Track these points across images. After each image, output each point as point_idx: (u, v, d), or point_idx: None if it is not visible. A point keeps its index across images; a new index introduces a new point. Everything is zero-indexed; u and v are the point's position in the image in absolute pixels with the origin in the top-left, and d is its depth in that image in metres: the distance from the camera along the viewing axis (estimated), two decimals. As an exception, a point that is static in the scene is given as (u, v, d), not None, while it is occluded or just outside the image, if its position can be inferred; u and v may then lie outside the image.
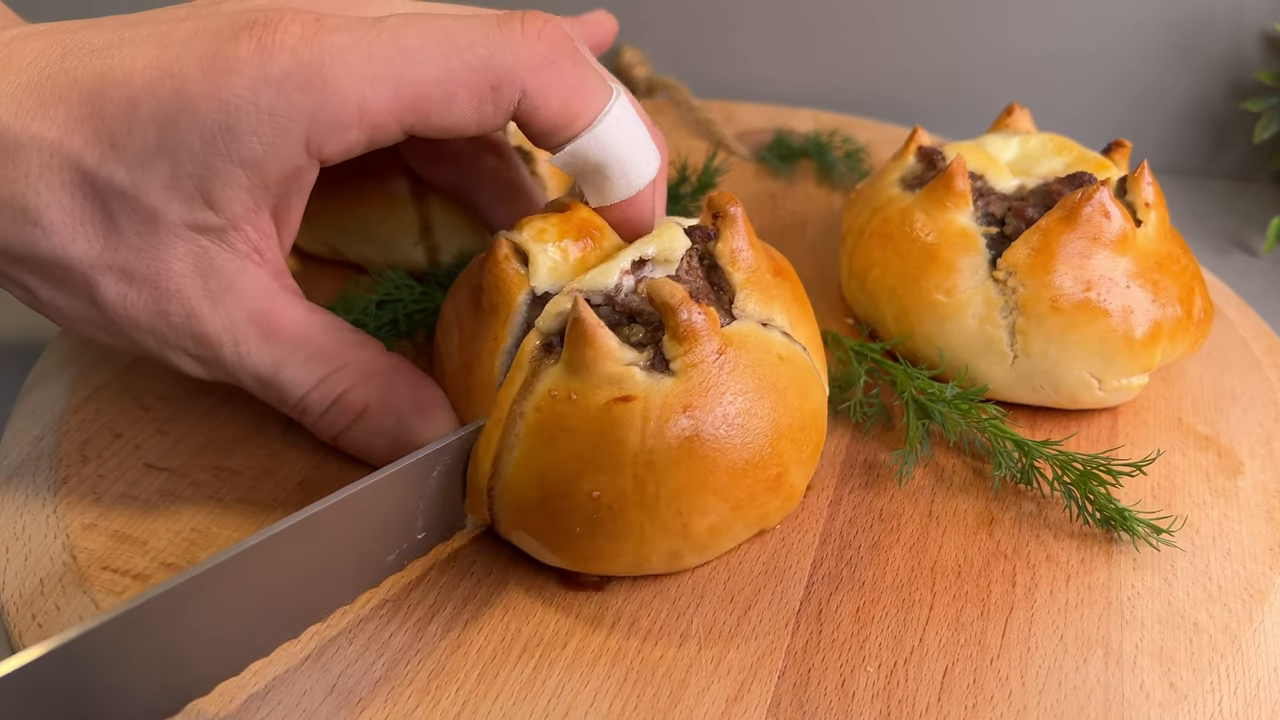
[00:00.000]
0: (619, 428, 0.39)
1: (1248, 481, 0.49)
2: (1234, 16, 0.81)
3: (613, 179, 0.44)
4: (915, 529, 0.46)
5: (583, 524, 0.40)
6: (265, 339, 0.43)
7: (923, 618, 0.42)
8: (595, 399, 0.40)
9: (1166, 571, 0.44)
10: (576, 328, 0.40)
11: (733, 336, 0.42)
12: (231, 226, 0.41)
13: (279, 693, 0.38)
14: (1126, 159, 0.56)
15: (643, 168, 0.45)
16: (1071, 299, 0.49)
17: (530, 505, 0.41)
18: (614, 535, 0.40)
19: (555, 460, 0.40)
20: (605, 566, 0.42)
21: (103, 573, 0.43)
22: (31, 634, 0.41)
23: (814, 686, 0.39)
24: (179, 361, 0.43)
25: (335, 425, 0.45)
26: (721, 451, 0.40)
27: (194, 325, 0.42)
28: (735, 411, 0.41)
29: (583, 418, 0.40)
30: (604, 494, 0.40)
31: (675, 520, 0.41)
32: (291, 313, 0.43)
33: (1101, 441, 0.52)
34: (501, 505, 0.42)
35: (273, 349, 0.43)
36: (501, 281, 0.43)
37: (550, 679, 0.39)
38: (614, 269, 0.43)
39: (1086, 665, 0.40)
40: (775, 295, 0.45)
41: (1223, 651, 0.41)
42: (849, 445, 0.51)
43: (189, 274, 0.41)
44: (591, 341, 0.39)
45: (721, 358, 0.41)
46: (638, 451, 0.39)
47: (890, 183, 0.56)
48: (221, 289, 0.42)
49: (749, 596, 0.43)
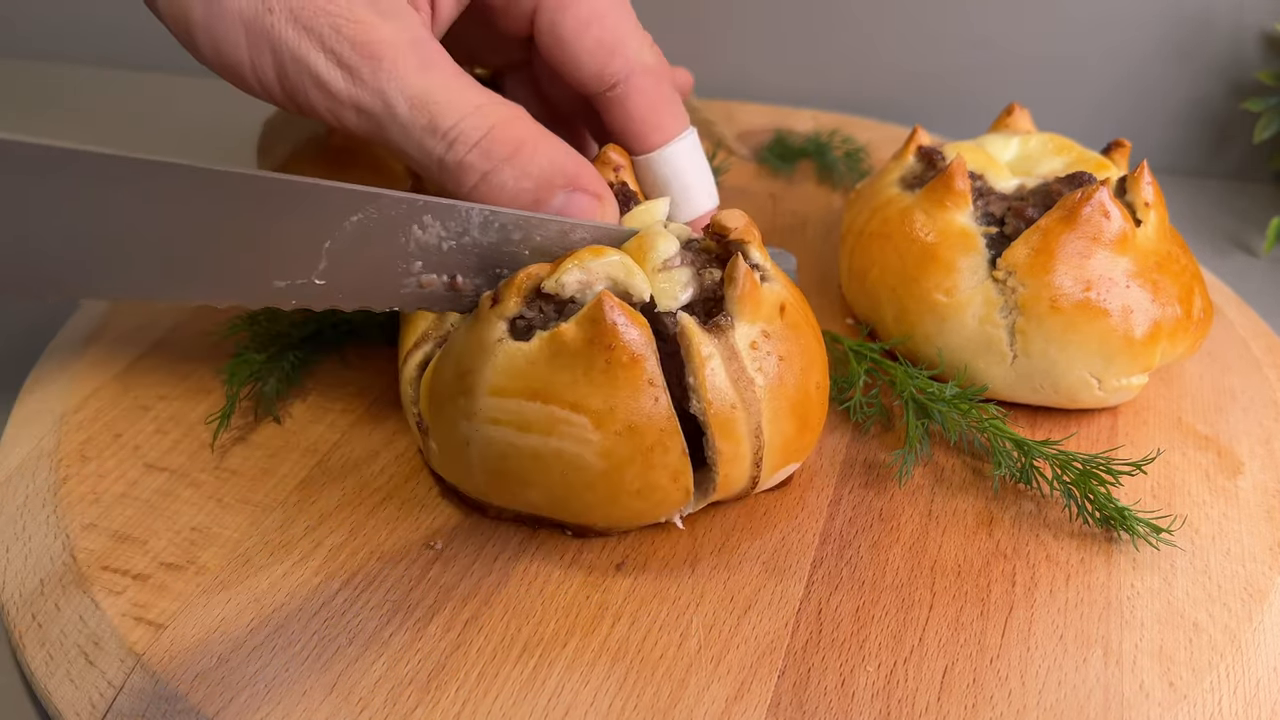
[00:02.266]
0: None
1: (1247, 481, 0.49)
2: (1234, 16, 0.81)
3: (674, 199, 0.51)
4: (915, 529, 0.46)
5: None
6: (422, 66, 0.42)
7: (922, 617, 0.42)
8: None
9: (1166, 571, 0.44)
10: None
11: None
12: None
13: (279, 692, 0.38)
14: (1126, 159, 0.56)
15: (703, 200, 0.52)
16: (1071, 299, 0.49)
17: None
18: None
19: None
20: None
21: (103, 573, 0.43)
22: (32, 634, 0.41)
23: (814, 686, 0.39)
24: (317, 68, 0.41)
25: (488, 158, 0.42)
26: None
27: (359, 31, 0.41)
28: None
29: None
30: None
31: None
32: (445, 59, 0.43)
33: (1101, 441, 0.52)
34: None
35: (429, 75, 0.42)
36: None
37: (550, 678, 0.39)
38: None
39: (1086, 665, 0.40)
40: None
41: (1222, 651, 0.41)
42: (849, 445, 0.51)
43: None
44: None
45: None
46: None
47: (890, 183, 0.57)
48: (393, 9, 0.42)
49: (749, 596, 0.43)
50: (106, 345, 0.56)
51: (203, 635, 0.40)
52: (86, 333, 0.57)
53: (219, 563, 0.43)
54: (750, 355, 0.42)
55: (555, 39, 0.46)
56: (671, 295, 0.43)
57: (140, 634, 0.40)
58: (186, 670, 0.39)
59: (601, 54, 0.47)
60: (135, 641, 0.40)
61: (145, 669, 0.39)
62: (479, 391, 0.41)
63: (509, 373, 0.41)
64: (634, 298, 0.43)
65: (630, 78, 0.48)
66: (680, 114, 0.51)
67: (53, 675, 0.40)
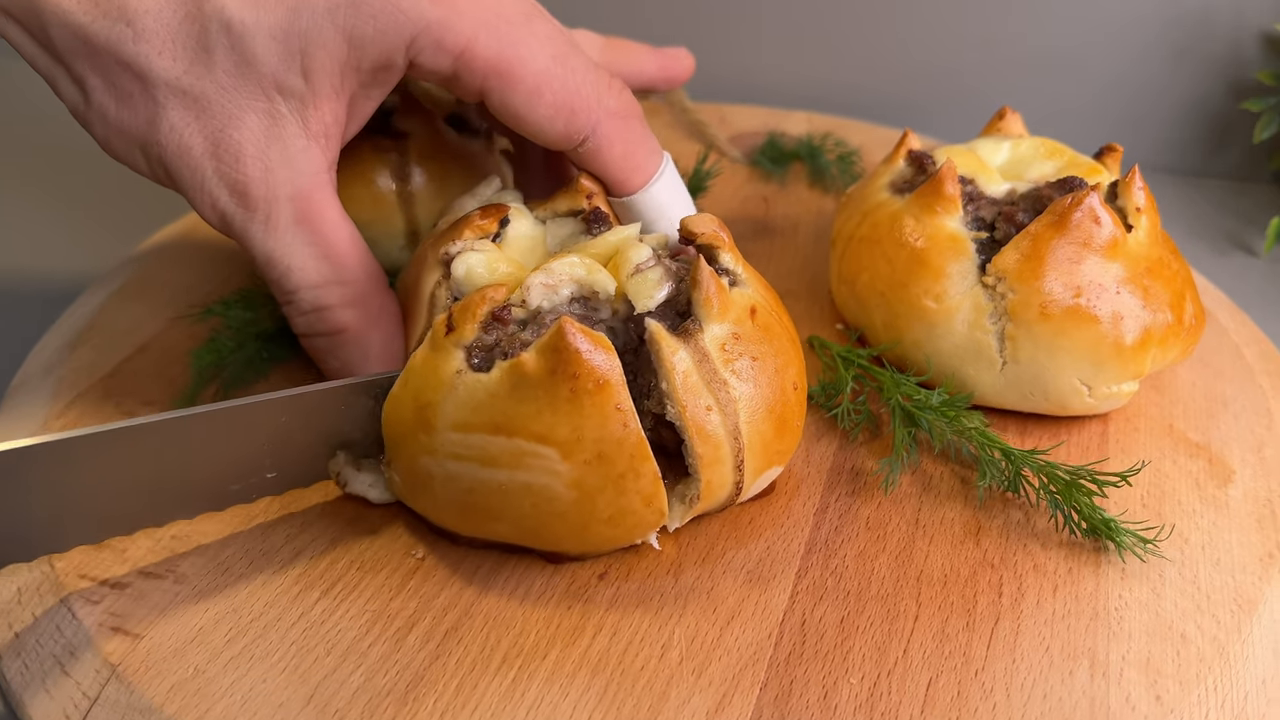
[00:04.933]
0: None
1: (1238, 490, 0.49)
2: (1234, 16, 0.80)
3: (662, 231, 0.51)
4: (902, 538, 0.46)
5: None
6: (296, 221, 0.44)
7: (907, 628, 0.42)
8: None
9: (1155, 582, 0.44)
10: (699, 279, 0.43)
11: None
12: (313, 101, 0.43)
13: (255, 703, 0.38)
14: (1118, 164, 0.55)
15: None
16: (1061, 305, 0.48)
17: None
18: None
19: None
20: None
21: (81, 581, 0.42)
22: (8, 644, 0.41)
23: (796, 699, 0.39)
24: (200, 200, 0.44)
25: (310, 328, 0.47)
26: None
27: (240, 179, 0.43)
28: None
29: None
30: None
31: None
32: (329, 211, 0.45)
33: (1092, 449, 0.51)
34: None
35: (298, 233, 0.44)
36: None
37: (530, 690, 0.39)
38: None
39: (1072, 677, 0.40)
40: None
41: (1210, 663, 0.41)
42: (836, 452, 0.50)
43: (258, 131, 0.42)
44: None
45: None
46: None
47: (880, 187, 0.56)
48: (281, 159, 0.43)
49: (732, 606, 0.42)
50: (90, 351, 0.56)
51: (179, 645, 0.40)
52: (70, 338, 0.57)
53: (197, 571, 0.43)
54: (721, 357, 0.42)
55: (512, 116, 0.45)
56: (647, 295, 0.42)
57: (116, 644, 0.40)
58: (163, 680, 0.39)
59: (561, 118, 0.46)
60: (111, 651, 0.40)
61: (120, 679, 0.39)
62: (440, 426, 0.41)
63: (470, 406, 0.40)
64: (601, 295, 0.43)
65: (597, 129, 0.47)
66: (653, 148, 0.50)
67: (28, 686, 0.39)
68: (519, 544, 0.43)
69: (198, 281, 0.62)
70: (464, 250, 0.45)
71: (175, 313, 0.59)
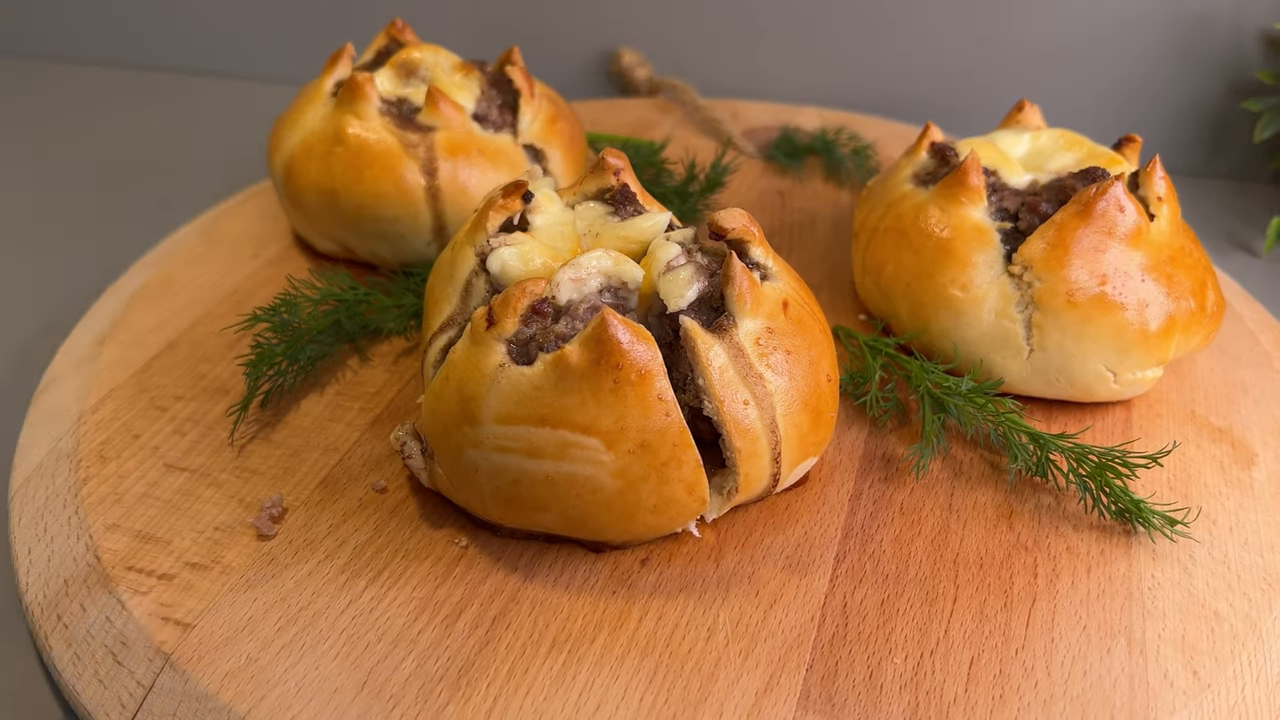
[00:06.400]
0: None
1: (1261, 472, 0.50)
2: (1234, 16, 0.81)
3: None
4: (936, 522, 0.47)
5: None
6: None
7: (947, 610, 0.42)
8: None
9: (1185, 562, 0.45)
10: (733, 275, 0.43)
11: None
12: None
13: (309, 690, 0.38)
14: (1137, 154, 0.56)
15: None
16: (1087, 293, 0.49)
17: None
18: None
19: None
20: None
21: (128, 573, 0.43)
22: (58, 635, 0.41)
23: (842, 679, 0.40)
24: None
25: None
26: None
27: None
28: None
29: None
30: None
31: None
32: None
33: (1116, 434, 0.52)
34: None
35: None
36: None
37: (580, 673, 0.39)
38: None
39: (1110, 655, 0.41)
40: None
41: (1244, 640, 0.42)
42: (866, 440, 0.51)
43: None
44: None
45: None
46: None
47: (903, 179, 0.57)
48: None
49: (774, 591, 0.43)
50: (120, 346, 0.56)
51: (231, 634, 0.40)
52: (99, 334, 0.57)
53: (244, 562, 0.43)
54: (756, 351, 0.42)
55: None
56: (679, 294, 0.43)
57: (168, 633, 0.40)
58: (216, 669, 0.39)
59: None
60: (163, 641, 0.40)
61: (174, 668, 0.39)
62: (484, 419, 0.41)
63: (514, 399, 0.40)
64: (630, 285, 0.43)
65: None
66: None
67: (80, 676, 0.39)
68: (563, 534, 0.44)
69: (217, 280, 0.62)
70: (498, 247, 0.45)
71: (202, 310, 0.59)
